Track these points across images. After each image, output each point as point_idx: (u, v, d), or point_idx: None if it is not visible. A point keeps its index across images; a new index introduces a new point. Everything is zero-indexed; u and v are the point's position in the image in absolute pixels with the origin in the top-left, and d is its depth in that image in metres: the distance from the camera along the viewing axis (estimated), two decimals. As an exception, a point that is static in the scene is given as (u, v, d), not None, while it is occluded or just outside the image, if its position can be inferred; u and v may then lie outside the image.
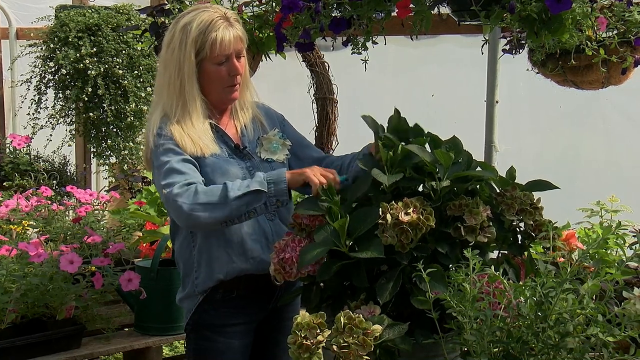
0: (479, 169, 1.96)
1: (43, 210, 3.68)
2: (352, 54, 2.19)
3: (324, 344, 1.64)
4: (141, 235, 3.52)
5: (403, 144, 1.94)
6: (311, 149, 2.40)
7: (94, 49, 4.50)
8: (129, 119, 4.58)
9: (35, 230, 3.44)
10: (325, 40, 2.24)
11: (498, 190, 1.96)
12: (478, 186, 1.95)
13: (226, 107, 2.29)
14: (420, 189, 1.93)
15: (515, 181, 1.98)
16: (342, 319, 1.63)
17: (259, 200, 2.03)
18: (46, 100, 4.71)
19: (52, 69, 4.61)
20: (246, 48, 2.25)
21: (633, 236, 2.28)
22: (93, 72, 4.45)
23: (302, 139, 2.42)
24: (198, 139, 2.15)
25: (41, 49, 4.68)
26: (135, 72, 4.61)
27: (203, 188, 2.05)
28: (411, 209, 1.76)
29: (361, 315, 1.63)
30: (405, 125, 2.01)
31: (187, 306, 2.29)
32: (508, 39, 2.61)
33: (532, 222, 1.88)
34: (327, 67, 4.76)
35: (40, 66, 4.66)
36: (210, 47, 2.13)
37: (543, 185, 1.97)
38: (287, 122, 2.43)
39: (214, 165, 2.16)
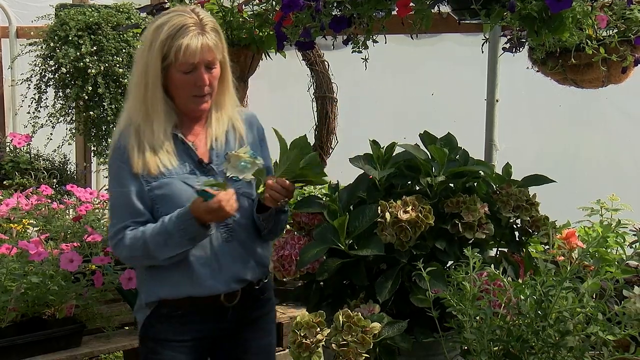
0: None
1: (43, 208, 3.69)
2: (352, 52, 2.19)
3: (323, 343, 1.64)
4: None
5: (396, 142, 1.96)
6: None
7: (94, 48, 4.50)
8: (129, 118, 4.57)
9: (36, 228, 3.44)
10: (326, 39, 2.23)
11: (495, 188, 1.96)
12: (475, 184, 1.95)
13: (197, 115, 2.15)
14: (417, 188, 1.93)
15: (515, 179, 1.98)
16: (340, 317, 1.63)
17: (189, 249, 2.04)
18: (46, 99, 4.71)
19: (52, 68, 4.61)
20: (244, 47, 2.20)
21: (633, 235, 2.28)
22: (93, 71, 4.45)
23: (269, 171, 2.20)
24: (153, 155, 2.05)
25: (41, 47, 4.68)
26: (135, 70, 4.60)
27: (129, 242, 2.03)
28: (410, 207, 1.76)
29: (360, 314, 1.63)
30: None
31: (139, 318, 2.20)
32: (508, 37, 2.61)
33: (528, 219, 1.89)
34: (327, 66, 4.76)
35: (40, 65, 4.65)
36: (175, 53, 2.00)
37: (540, 179, 1.97)
38: (265, 140, 2.28)
39: (164, 188, 2.05)
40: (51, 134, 4.64)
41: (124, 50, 4.59)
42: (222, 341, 2.21)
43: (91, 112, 4.55)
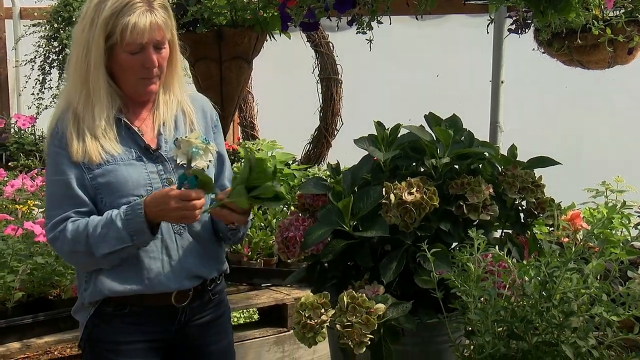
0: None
1: (48, 190, 3.69)
2: (356, 33, 2.18)
3: (327, 324, 1.64)
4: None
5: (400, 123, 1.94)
6: (222, 179, 2.11)
7: (98, 29, 4.48)
8: (133, 99, 4.57)
9: (41, 210, 3.45)
10: (330, 20, 2.23)
11: (500, 169, 1.96)
12: (480, 165, 1.94)
13: (145, 99, 2.00)
14: (422, 170, 1.93)
15: (520, 160, 1.98)
16: (345, 298, 1.63)
17: (131, 251, 1.89)
18: (50, 80, 4.71)
19: (56, 49, 4.60)
20: (248, 28, 2.18)
21: (638, 216, 2.28)
22: (97, 52, 4.44)
23: (222, 159, 2.11)
24: (94, 141, 1.89)
25: (45, 28, 4.67)
26: (139, 51, 4.59)
27: (71, 234, 1.87)
28: (414, 189, 1.76)
29: (364, 295, 1.64)
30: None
31: (80, 319, 2.04)
32: (514, 18, 2.59)
33: (534, 200, 1.88)
34: (331, 48, 4.75)
35: (44, 46, 4.65)
36: (121, 32, 1.83)
37: (545, 161, 1.96)
38: (219, 126, 2.15)
39: (108, 175, 1.91)
40: (55, 115, 4.64)
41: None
42: (179, 347, 2.06)
43: (95, 94, 4.55)
